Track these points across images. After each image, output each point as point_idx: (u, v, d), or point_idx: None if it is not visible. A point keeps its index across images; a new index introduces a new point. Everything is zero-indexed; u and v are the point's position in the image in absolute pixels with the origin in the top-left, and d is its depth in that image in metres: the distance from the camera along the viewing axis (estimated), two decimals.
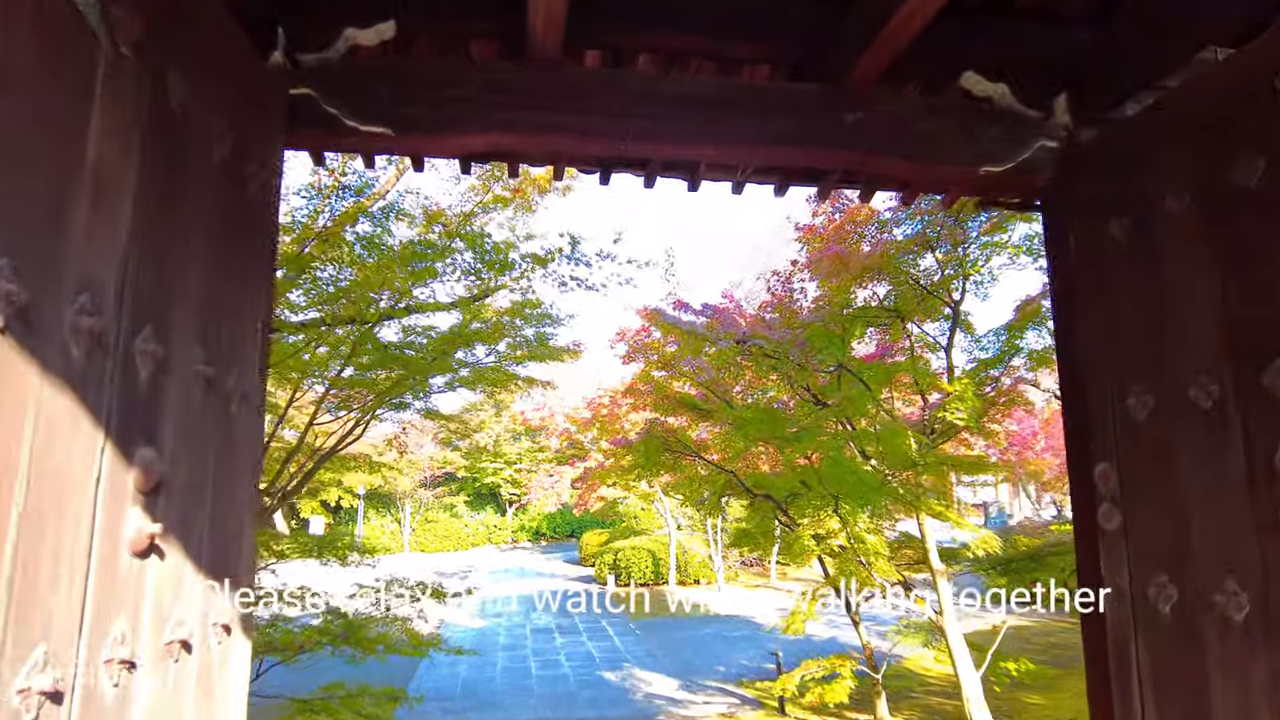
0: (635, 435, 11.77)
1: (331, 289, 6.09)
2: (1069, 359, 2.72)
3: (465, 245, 6.10)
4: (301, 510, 37.86)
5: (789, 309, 8.35)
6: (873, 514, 7.73)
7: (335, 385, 6.85)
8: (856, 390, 7.39)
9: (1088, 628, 2.50)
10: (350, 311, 6.31)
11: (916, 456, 7.00)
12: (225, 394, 1.94)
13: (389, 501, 37.82)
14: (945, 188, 3.13)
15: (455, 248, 6.09)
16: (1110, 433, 2.27)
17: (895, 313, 7.59)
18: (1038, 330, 7.83)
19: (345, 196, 6.20)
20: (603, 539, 26.64)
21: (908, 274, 7.34)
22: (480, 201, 6.92)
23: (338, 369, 6.52)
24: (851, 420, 7.74)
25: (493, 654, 13.87)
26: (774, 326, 7.60)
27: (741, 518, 15.36)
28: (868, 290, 7.83)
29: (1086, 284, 2.45)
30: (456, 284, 6.83)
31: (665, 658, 13.37)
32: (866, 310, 7.58)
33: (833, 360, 7.20)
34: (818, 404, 7.78)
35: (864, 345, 8.76)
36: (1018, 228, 7.59)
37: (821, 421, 7.05)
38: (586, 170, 3.59)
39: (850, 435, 7.23)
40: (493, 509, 39.70)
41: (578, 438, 24.47)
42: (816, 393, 7.97)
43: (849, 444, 7.45)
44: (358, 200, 6.23)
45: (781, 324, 7.81)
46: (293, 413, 8.01)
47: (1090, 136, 2.64)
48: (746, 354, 7.32)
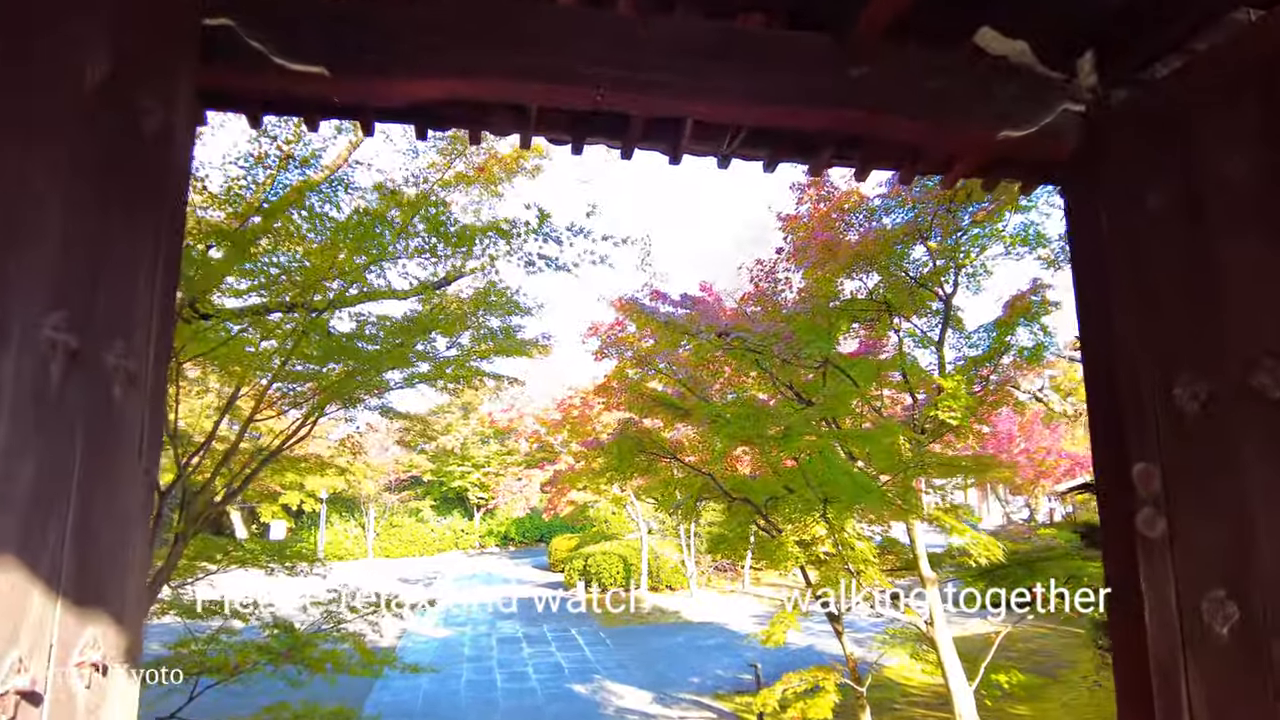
0: (608, 437, 11.41)
1: (275, 270, 5.64)
2: (1098, 347, 2.46)
3: (423, 223, 5.67)
4: (262, 514, 36.96)
5: (772, 301, 8.06)
6: (865, 519, 7.47)
7: (278, 378, 6.39)
8: (844, 386, 7.13)
9: (1122, 649, 2.22)
10: (296, 297, 5.87)
11: (910, 457, 6.76)
12: (102, 372, 1.56)
13: (353, 506, 37.15)
14: (956, 155, 2.84)
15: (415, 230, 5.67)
16: (1151, 428, 2.00)
17: (885, 305, 7.33)
18: (1029, 327, 7.66)
19: (291, 168, 5.76)
20: (573, 544, 26.22)
21: (900, 264, 7.10)
22: (441, 179, 6.47)
23: (281, 361, 6.07)
24: (836, 420, 7.49)
25: (456, 665, 13.36)
26: (756, 320, 7.31)
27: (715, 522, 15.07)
28: (855, 282, 7.59)
29: (1120, 262, 2.19)
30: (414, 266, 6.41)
31: (637, 668, 13.00)
32: (854, 303, 7.31)
33: (819, 355, 6.93)
34: (801, 402, 7.51)
35: (847, 342, 8.53)
36: (1011, 219, 7.44)
37: (809, 420, 6.77)
38: (557, 139, 3.25)
39: (836, 435, 6.96)
40: (460, 513, 39.11)
41: (547, 439, 24.05)
42: (799, 390, 7.71)
43: (834, 445, 7.16)
44: (305, 175, 5.79)
45: (764, 317, 7.52)
46: (241, 409, 7.53)
47: (1121, 99, 2.37)
48: (729, 348, 7.01)
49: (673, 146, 2.92)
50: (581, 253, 6.24)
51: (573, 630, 16.59)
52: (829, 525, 7.03)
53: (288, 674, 6.64)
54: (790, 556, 7.67)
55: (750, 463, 13.33)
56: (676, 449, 9.54)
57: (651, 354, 8.67)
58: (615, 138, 2.88)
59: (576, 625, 17.23)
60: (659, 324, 7.30)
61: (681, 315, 7.14)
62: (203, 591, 7.78)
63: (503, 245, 6.10)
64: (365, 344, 6.89)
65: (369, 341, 6.86)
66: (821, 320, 7.16)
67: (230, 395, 7.36)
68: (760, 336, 6.97)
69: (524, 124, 2.91)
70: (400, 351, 6.82)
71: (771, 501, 8.55)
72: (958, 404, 6.88)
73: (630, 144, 2.90)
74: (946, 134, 2.55)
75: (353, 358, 6.36)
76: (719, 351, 8.45)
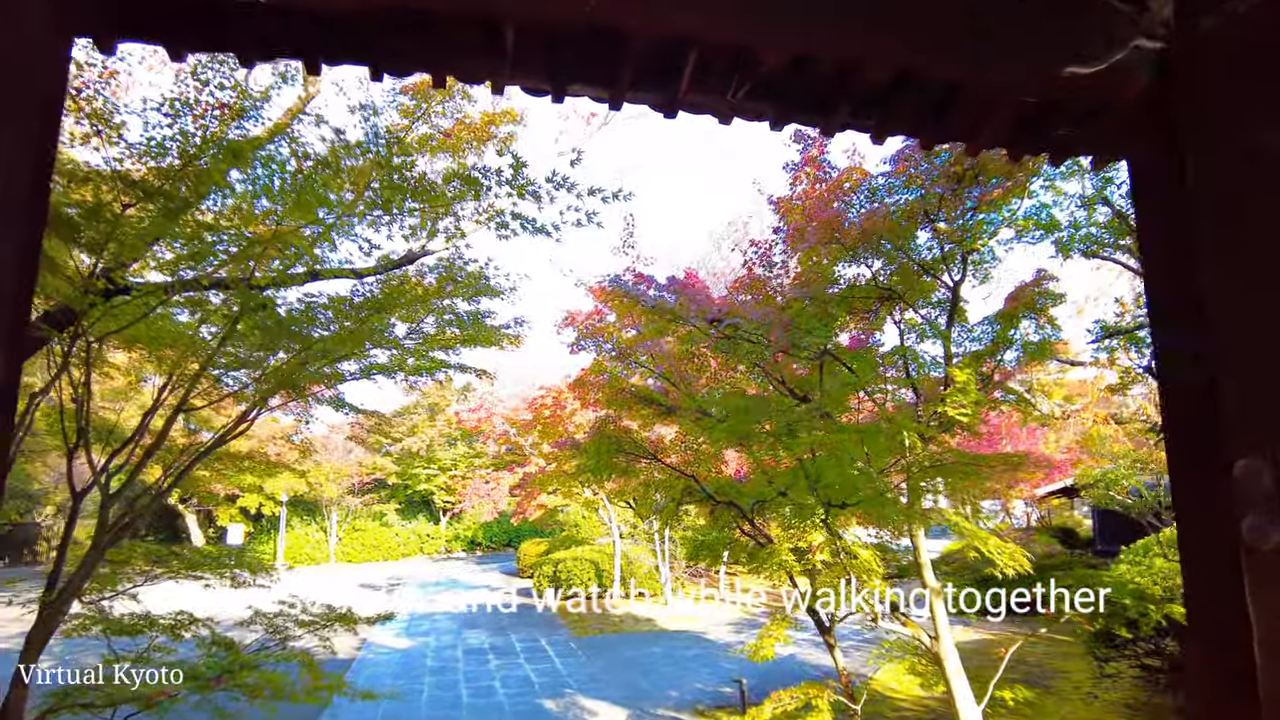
0: (583, 437, 10.69)
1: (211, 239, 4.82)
2: (1178, 326, 1.94)
3: (380, 175, 4.90)
4: (219, 518, 35.52)
5: (766, 286, 7.41)
6: (870, 525, 6.86)
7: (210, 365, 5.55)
8: (845, 378, 6.50)
9: (1207, 684, 1.70)
10: (234, 272, 5.06)
11: (921, 455, 6.15)
12: None
13: (314, 509, 35.99)
14: (992, 108, 2.40)
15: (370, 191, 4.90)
16: (1263, 418, 1.60)
17: (890, 292, 6.72)
18: (1034, 320, 7.14)
19: (229, 121, 4.94)
20: (542, 549, 25.38)
21: (907, 247, 6.49)
22: (401, 142, 5.62)
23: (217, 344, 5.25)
24: (833, 416, 6.85)
25: (418, 680, 12.48)
26: (748, 308, 6.64)
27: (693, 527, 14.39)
28: (855, 268, 6.98)
29: (1212, 220, 1.77)
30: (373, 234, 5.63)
31: (611, 682, 12.25)
32: (854, 290, 6.69)
33: (818, 345, 6.30)
34: (795, 398, 6.88)
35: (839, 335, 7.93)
36: (1021, 204, 6.91)
37: (810, 415, 6.12)
38: (535, 88, 2.67)
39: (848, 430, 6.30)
40: (425, 517, 38.05)
41: (517, 440, 23.21)
42: (792, 385, 7.07)
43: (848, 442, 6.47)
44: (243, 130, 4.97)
45: (758, 305, 6.87)
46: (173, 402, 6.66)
47: (1209, 28, 1.89)
48: (720, 336, 6.34)
49: (669, 97, 2.37)
50: (565, 209, 5.46)
51: (542, 640, 15.79)
52: (829, 532, 6.39)
53: (218, 703, 5.78)
54: (784, 566, 7.01)
55: (735, 464, 12.71)
56: (657, 449, 8.86)
57: (633, 345, 7.98)
58: (603, 85, 2.34)
59: (546, 634, 16.43)
60: (645, 309, 6.60)
61: (671, 299, 6.45)
62: (155, 602, 6.89)
63: (470, 204, 5.35)
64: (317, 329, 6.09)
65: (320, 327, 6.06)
66: (819, 308, 6.53)
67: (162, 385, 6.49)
68: (755, 325, 6.32)
69: (496, 65, 2.27)
70: (354, 337, 6.02)
71: (758, 506, 7.91)
72: (967, 399, 6.29)
73: (620, 91, 2.30)
74: (998, 69, 2.09)
75: (297, 341, 5.55)
76: (704, 346, 7.80)
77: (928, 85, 2.54)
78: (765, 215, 32.22)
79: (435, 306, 6.25)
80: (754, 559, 7.83)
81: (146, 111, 4.47)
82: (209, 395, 6.30)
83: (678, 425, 8.75)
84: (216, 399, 6.51)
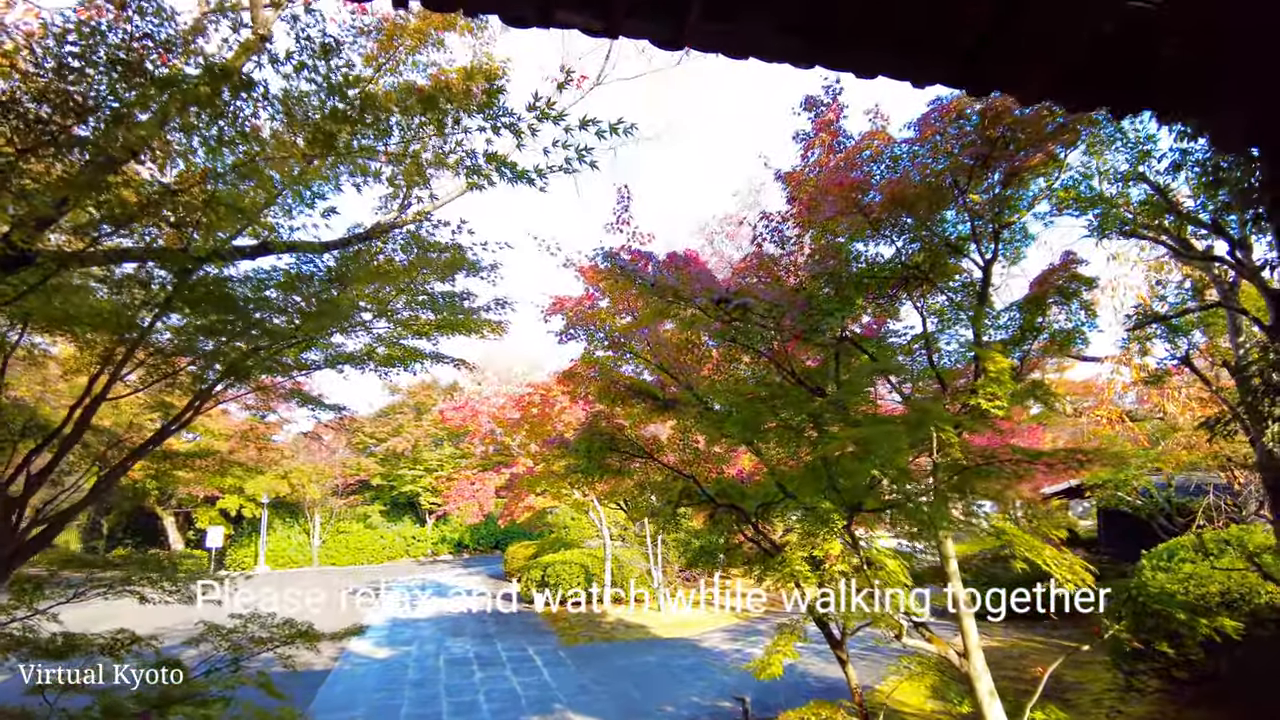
0: (573, 434, 9.97)
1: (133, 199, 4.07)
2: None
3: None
4: (198, 520, 34.54)
5: (778, 267, 6.70)
6: (903, 534, 6.18)
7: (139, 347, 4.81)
8: (862, 364, 5.83)
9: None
10: (169, 240, 4.33)
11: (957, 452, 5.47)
12: None
13: (296, 511, 35.08)
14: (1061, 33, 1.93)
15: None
16: None
17: (915, 271, 6.05)
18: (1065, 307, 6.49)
19: (156, 59, 4.19)
20: (530, 551, 24.62)
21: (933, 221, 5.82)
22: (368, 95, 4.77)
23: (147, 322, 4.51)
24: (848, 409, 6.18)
25: (398, 694, 11.72)
26: (756, 290, 5.95)
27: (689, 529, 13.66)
28: (874, 247, 6.29)
29: None
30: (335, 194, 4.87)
31: (603, 695, 11.52)
32: (875, 268, 6.01)
33: (837, 328, 5.63)
34: (808, 389, 6.19)
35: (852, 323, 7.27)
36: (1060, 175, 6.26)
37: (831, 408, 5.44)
38: (517, 17, 2.20)
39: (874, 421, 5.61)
40: (411, 519, 37.19)
41: (504, 440, 22.44)
42: (802, 376, 6.37)
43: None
44: (173, 63, 4.23)
45: (769, 285, 6.18)
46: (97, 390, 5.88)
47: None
48: (728, 319, 5.64)
49: (676, 25, 2.06)
50: (551, 146, 4.67)
51: (530, 649, 15.04)
52: (850, 539, 5.73)
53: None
54: (797, 576, 6.33)
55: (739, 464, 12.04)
56: (653, 448, 8.16)
57: (628, 332, 7.26)
58: (595, 13, 2.06)
59: (534, 643, 15.68)
60: (643, 287, 5.89)
61: (671, 278, 5.75)
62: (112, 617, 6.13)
63: (434, 143, 4.60)
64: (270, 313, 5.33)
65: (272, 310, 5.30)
66: (837, 288, 5.86)
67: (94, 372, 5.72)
68: (767, 305, 5.64)
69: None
70: (312, 319, 5.28)
71: (763, 509, 7.24)
72: (1002, 390, 5.62)
73: (616, 17, 2.04)
74: None
75: (245, 321, 4.81)
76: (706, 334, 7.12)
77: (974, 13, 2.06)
78: (768, 200, 31.48)
79: (406, 286, 5.52)
80: (759, 567, 7.15)
81: (49, 38, 3.73)
82: (144, 383, 5.54)
83: (675, 421, 8.05)
84: (143, 386, 5.74)
